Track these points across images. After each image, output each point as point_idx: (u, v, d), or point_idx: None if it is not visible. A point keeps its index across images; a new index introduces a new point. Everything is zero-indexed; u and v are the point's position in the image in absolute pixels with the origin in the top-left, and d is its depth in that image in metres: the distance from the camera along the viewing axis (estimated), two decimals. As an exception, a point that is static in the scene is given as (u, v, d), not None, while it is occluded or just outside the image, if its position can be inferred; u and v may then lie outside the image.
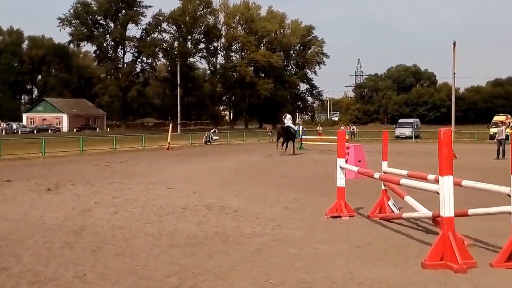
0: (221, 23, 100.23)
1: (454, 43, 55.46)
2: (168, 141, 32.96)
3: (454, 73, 55.54)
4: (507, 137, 23.76)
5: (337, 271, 5.69)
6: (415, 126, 55.96)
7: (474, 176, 14.00)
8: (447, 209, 5.90)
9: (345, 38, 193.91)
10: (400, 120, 60.89)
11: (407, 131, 53.89)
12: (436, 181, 6.28)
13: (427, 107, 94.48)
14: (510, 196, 5.93)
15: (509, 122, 51.93)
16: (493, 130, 40.28)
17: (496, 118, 53.25)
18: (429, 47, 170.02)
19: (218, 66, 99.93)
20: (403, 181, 7.37)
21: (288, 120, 28.61)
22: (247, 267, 5.87)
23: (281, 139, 27.01)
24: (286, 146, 26.76)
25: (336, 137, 10.45)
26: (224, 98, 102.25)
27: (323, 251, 6.60)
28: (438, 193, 6.06)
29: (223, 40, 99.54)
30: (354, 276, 5.50)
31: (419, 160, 21.63)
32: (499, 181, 6.83)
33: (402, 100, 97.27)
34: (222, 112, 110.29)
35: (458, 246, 5.79)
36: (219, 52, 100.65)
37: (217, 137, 43.33)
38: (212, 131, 46.24)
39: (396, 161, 20.77)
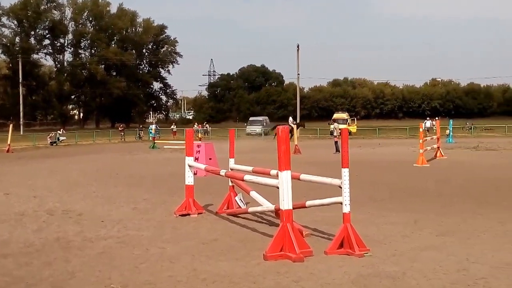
0: (68, 18, 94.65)
1: (298, 46, 59.09)
2: (8, 142, 30.35)
3: (298, 74, 59.27)
4: (350, 132, 25.99)
5: (182, 269, 5.70)
6: (265, 124, 58.49)
7: (315, 169, 15.00)
8: (285, 202, 6.21)
9: (198, 38, 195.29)
10: (250, 118, 63.10)
11: (257, 129, 56.19)
12: (277, 176, 6.59)
13: (276, 106, 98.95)
14: (341, 187, 6.44)
15: (347, 119, 56.68)
16: (331, 126, 43.69)
17: (336, 116, 57.81)
18: (276, 49, 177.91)
19: (65, 64, 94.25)
20: (247, 177, 7.63)
21: (289, 121, 37.96)
22: (88, 273, 5.62)
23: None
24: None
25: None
26: (73, 97, 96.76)
27: (169, 250, 6.57)
28: (278, 188, 6.36)
29: (70, 36, 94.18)
30: (199, 273, 5.55)
31: (267, 156, 22.56)
32: (337, 174, 7.33)
33: (253, 98, 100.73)
34: (71, 112, 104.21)
35: (296, 237, 6.14)
36: (66, 49, 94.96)
37: (64, 138, 40.95)
38: (59, 131, 43.57)
39: (246, 158, 21.45)
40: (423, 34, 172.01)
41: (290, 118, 44.32)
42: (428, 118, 51.12)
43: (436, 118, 39.39)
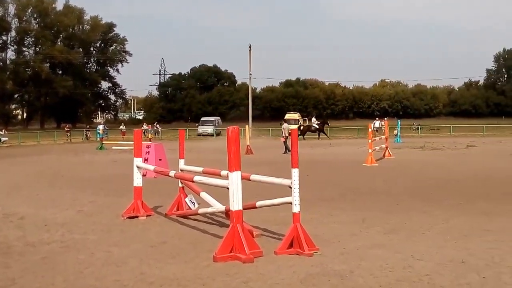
0: (11, 15, 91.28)
1: (250, 46, 59.28)
2: None
3: (251, 74, 59.45)
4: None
5: (129, 273, 5.55)
6: (217, 124, 58.36)
7: (267, 170, 15.04)
8: (235, 203, 6.16)
9: (148, 37, 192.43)
10: (202, 118, 62.83)
11: (209, 129, 56.05)
12: (228, 177, 6.53)
13: (228, 106, 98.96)
14: (290, 188, 6.45)
15: (298, 120, 57.25)
16: (283, 126, 44.06)
17: (288, 116, 58.25)
18: (228, 49, 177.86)
19: (8, 62, 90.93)
20: (197, 178, 7.54)
21: (312, 121, 41.31)
22: (30, 279, 5.38)
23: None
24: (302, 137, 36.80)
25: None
26: (16, 96, 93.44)
27: (116, 254, 6.39)
28: (228, 188, 6.31)
29: (13, 33, 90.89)
30: (146, 277, 5.42)
31: (219, 156, 22.42)
32: (288, 174, 7.32)
33: (205, 99, 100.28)
34: (14, 111, 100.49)
35: (246, 238, 6.10)
36: (9, 46, 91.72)
37: (6, 138, 39.49)
38: (1, 131, 41.95)
39: (198, 158, 21.28)
40: (373, 36, 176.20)
41: (313, 119, 45.71)
42: (377, 119, 52.31)
43: (385, 118, 40.35)
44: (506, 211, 9.05)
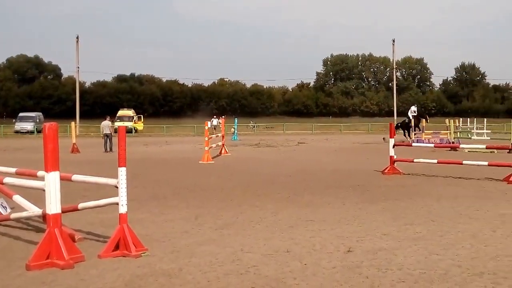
0: None
1: (77, 37, 56.32)
2: None
3: (78, 67, 56.55)
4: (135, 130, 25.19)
5: None
6: (38, 120, 54.18)
7: (94, 169, 14.33)
8: (53, 206, 5.66)
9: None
10: (20, 114, 57.82)
11: (29, 126, 51.98)
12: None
13: (52, 101, 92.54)
14: (117, 187, 6.09)
15: (133, 117, 55.69)
16: (117, 124, 42.73)
17: (121, 112, 56.40)
18: (52, 39, 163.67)
19: None
20: (7, 180, 6.79)
21: (411, 112, 32.34)
22: None
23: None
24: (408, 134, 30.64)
25: None
26: None
27: None
28: (44, 190, 5.76)
29: None
30: None
31: (40, 155, 20.74)
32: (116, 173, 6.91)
33: (24, 92, 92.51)
34: None
35: (65, 242, 5.64)
36: None
37: None
38: None
39: (14, 158, 19.55)
40: (213, 35, 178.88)
41: (414, 107, 33.42)
42: (215, 116, 53.29)
43: (222, 116, 41.21)
44: (328, 202, 9.69)
